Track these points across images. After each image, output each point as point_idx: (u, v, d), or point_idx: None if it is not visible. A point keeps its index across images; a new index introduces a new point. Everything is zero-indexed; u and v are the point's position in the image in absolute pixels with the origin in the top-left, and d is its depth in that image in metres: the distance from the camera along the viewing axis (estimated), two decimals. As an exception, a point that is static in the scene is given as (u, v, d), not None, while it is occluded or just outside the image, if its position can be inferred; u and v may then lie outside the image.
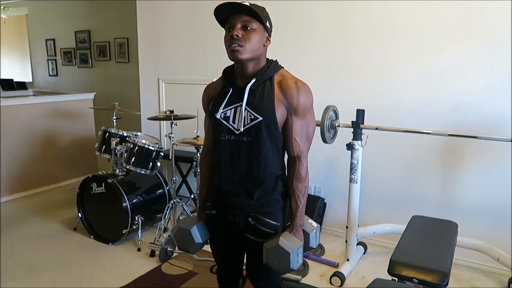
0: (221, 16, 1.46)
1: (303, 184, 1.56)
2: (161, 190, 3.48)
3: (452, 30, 2.79)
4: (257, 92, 1.48)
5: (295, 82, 1.50)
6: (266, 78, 1.49)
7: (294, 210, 1.57)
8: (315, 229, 1.65)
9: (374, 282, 1.66)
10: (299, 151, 1.53)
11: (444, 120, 2.87)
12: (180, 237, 1.70)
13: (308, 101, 1.51)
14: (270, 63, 1.53)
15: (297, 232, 1.57)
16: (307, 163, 1.57)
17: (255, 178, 1.53)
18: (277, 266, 1.51)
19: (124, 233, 3.13)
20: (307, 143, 1.56)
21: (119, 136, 3.41)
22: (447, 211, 2.89)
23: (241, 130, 1.49)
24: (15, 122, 4.32)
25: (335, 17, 3.20)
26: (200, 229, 1.67)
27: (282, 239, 1.50)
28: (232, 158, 1.54)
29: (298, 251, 1.51)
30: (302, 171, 1.55)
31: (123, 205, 3.09)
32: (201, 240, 1.67)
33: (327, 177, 3.45)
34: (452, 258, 1.81)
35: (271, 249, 1.51)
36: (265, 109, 1.46)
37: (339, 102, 2.87)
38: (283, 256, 1.49)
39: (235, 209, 1.59)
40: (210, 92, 1.63)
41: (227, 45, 1.46)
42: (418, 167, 3.05)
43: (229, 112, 1.52)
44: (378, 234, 3.02)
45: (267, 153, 1.51)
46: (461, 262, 2.90)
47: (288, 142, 1.53)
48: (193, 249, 1.70)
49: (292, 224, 1.58)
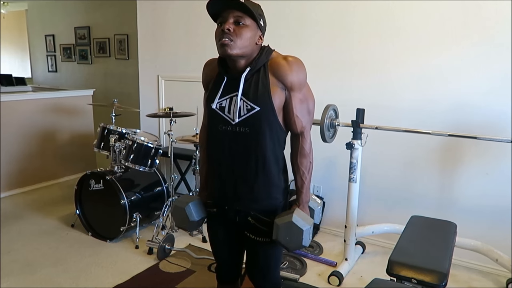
0: (213, 10, 1.43)
1: (307, 159, 1.54)
2: (160, 188, 3.47)
3: (453, 29, 2.78)
4: (252, 81, 1.45)
5: (285, 58, 1.46)
6: (260, 66, 1.45)
7: (300, 186, 1.56)
8: (319, 206, 1.67)
9: (372, 282, 1.66)
10: (302, 127, 1.51)
11: (444, 119, 2.86)
12: (176, 215, 1.67)
13: (302, 75, 1.47)
14: (262, 49, 1.49)
15: (304, 208, 1.56)
16: (310, 138, 1.55)
17: (254, 169, 1.50)
18: (288, 242, 1.49)
19: (122, 230, 3.12)
20: (308, 118, 1.53)
21: (118, 133, 3.40)
22: (446, 211, 2.89)
23: (236, 120, 1.46)
24: (14, 117, 4.31)
25: (335, 16, 3.19)
26: (195, 208, 1.64)
27: (295, 215, 1.48)
28: (230, 149, 1.51)
29: (310, 227, 1.50)
30: (306, 147, 1.53)
31: (121, 202, 3.08)
32: (195, 218, 1.63)
33: (326, 176, 3.45)
34: (451, 259, 1.80)
35: (284, 225, 1.47)
36: (262, 99, 1.43)
37: (339, 101, 2.86)
38: (296, 233, 1.46)
39: (235, 208, 1.57)
40: (209, 72, 1.60)
41: (217, 39, 1.42)
42: (417, 166, 3.05)
43: (225, 102, 1.48)
44: (376, 234, 3.02)
45: (266, 143, 1.48)
46: (459, 263, 2.90)
47: (290, 120, 1.50)
48: (189, 227, 1.67)
49: (299, 200, 1.57)
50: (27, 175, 4.45)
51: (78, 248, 3.12)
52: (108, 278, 2.72)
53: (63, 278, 2.72)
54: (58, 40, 7.13)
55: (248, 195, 1.53)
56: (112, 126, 3.46)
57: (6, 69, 8.45)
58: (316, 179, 3.46)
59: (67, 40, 6.94)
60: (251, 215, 1.56)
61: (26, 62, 8.09)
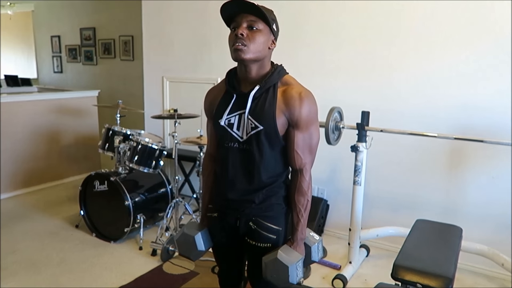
0: (227, 14, 1.43)
1: (304, 197, 1.52)
2: (164, 189, 3.47)
3: (459, 32, 2.77)
4: (260, 99, 1.45)
5: (299, 93, 1.44)
6: (270, 85, 1.45)
7: (295, 223, 1.53)
8: (317, 242, 1.60)
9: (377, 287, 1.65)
10: (301, 164, 1.49)
11: (450, 122, 2.85)
12: (183, 242, 1.66)
13: (311, 113, 1.45)
14: (275, 68, 1.48)
15: (297, 246, 1.53)
16: (310, 176, 1.52)
17: (257, 186, 1.51)
18: (276, 280, 1.48)
19: (126, 232, 3.12)
20: (310, 155, 1.51)
21: (123, 134, 3.41)
22: (451, 215, 2.87)
23: (245, 138, 1.46)
24: (19, 118, 4.33)
25: (340, 19, 3.18)
26: (204, 237, 1.64)
27: (280, 252, 1.47)
28: (234, 166, 1.51)
29: (297, 264, 1.47)
30: (304, 185, 1.51)
31: (125, 203, 3.09)
32: (204, 248, 1.63)
33: (330, 178, 3.43)
34: (457, 263, 1.79)
35: (270, 262, 1.48)
36: (266, 118, 1.42)
37: (344, 103, 2.86)
38: (282, 270, 1.45)
39: (236, 213, 1.57)
40: (213, 98, 1.58)
41: (230, 44, 1.42)
42: (423, 170, 3.03)
43: (233, 119, 1.48)
44: (381, 237, 3.00)
45: (269, 161, 1.48)
46: (464, 267, 2.87)
47: (290, 155, 1.49)
48: (194, 256, 1.67)
49: (293, 237, 1.54)
50: (32, 175, 4.47)
51: (82, 249, 3.13)
52: (111, 279, 2.72)
53: (67, 279, 2.72)
54: (64, 41, 7.16)
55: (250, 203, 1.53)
56: (117, 127, 3.47)
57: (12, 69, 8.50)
58: (321, 182, 3.45)
59: (73, 41, 6.97)
60: (252, 220, 1.55)
61: (32, 62, 8.13)
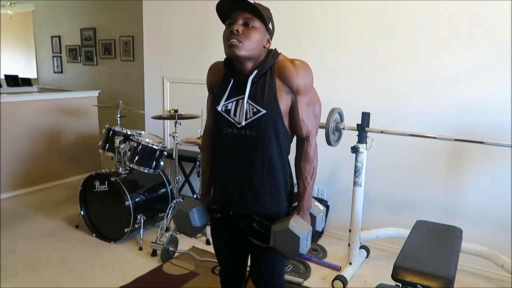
0: (223, 11, 1.42)
1: (311, 165, 1.52)
2: (164, 189, 3.47)
3: (459, 33, 2.77)
4: (259, 84, 1.44)
5: (291, 62, 1.45)
6: (267, 69, 1.45)
7: (301, 192, 1.53)
8: (322, 212, 1.62)
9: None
10: (307, 131, 1.50)
11: (450, 124, 2.85)
12: (179, 219, 1.65)
13: (308, 78, 1.47)
14: (269, 52, 1.48)
15: (304, 215, 1.53)
16: (315, 143, 1.53)
17: (259, 172, 1.49)
18: (285, 249, 1.46)
19: (126, 232, 3.12)
20: (315, 122, 1.52)
21: (123, 134, 3.41)
22: (451, 216, 2.87)
23: (243, 123, 1.45)
24: (19, 118, 4.33)
25: (340, 19, 3.18)
26: (198, 213, 1.62)
27: (292, 222, 1.45)
28: (235, 153, 1.50)
29: (308, 235, 1.47)
30: (310, 152, 1.51)
31: (125, 204, 3.09)
32: (198, 224, 1.61)
33: (330, 179, 3.44)
34: (457, 264, 1.79)
35: (280, 232, 1.46)
36: (268, 101, 1.42)
37: (344, 104, 2.86)
38: (293, 240, 1.44)
39: (239, 213, 1.57)
40: (214, 75, 1.59)
41: (225, 40, 1.41)
42: (423, 171, 3.03)
43: (230, 105, 1.47)
44: (381, 238, 3.00)
45: (272, 146, 1.46)
46: (464, 268, 2.87)
47: (296, 124, 1.49)
48: (191, 232, 1.65)
49: (299, 206, 1.53)
50: (32, 175, 4.47)
51: (82, 249, 3.13)
52: (111, 280, 2.72)
53: (66, 279, 2.72)
54: (64, 41, 7.16)
55: (253, 198, 1.52)
56: (117, 127, 3.47)
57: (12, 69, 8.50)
58: (321, 183, 3.45)
59: (73, 41, 6.97)
60: (255, 221, 1.55)
61: (32, 63, 8.13)
